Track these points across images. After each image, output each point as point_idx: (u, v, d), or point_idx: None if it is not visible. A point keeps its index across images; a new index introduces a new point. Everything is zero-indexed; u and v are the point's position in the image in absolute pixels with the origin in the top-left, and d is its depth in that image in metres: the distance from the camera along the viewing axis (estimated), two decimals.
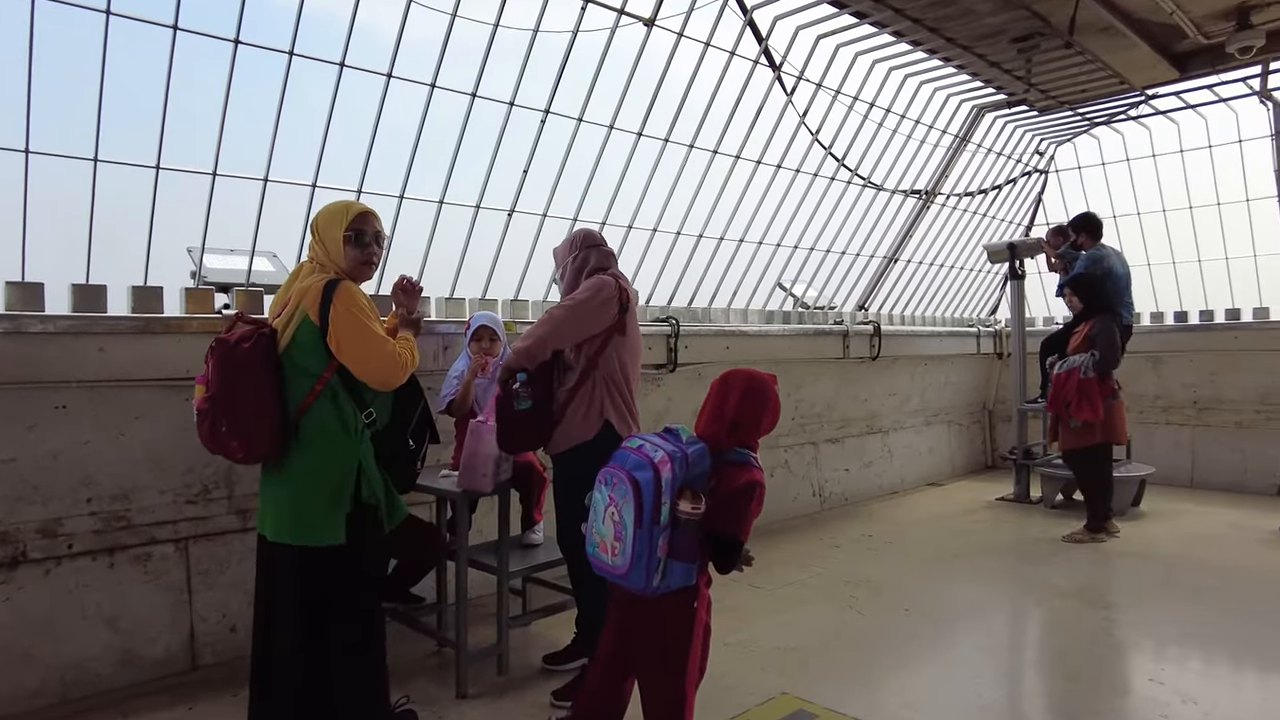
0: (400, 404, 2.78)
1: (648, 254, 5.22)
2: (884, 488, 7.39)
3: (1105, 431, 5.53)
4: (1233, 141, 6.78)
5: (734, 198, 5.51)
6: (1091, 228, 6.30)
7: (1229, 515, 6.25)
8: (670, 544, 2.22)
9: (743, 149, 5.34)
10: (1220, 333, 7.36)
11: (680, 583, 2.27)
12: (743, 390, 2.39)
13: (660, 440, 2.29)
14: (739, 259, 5.78)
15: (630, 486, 2.19)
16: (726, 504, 2.26)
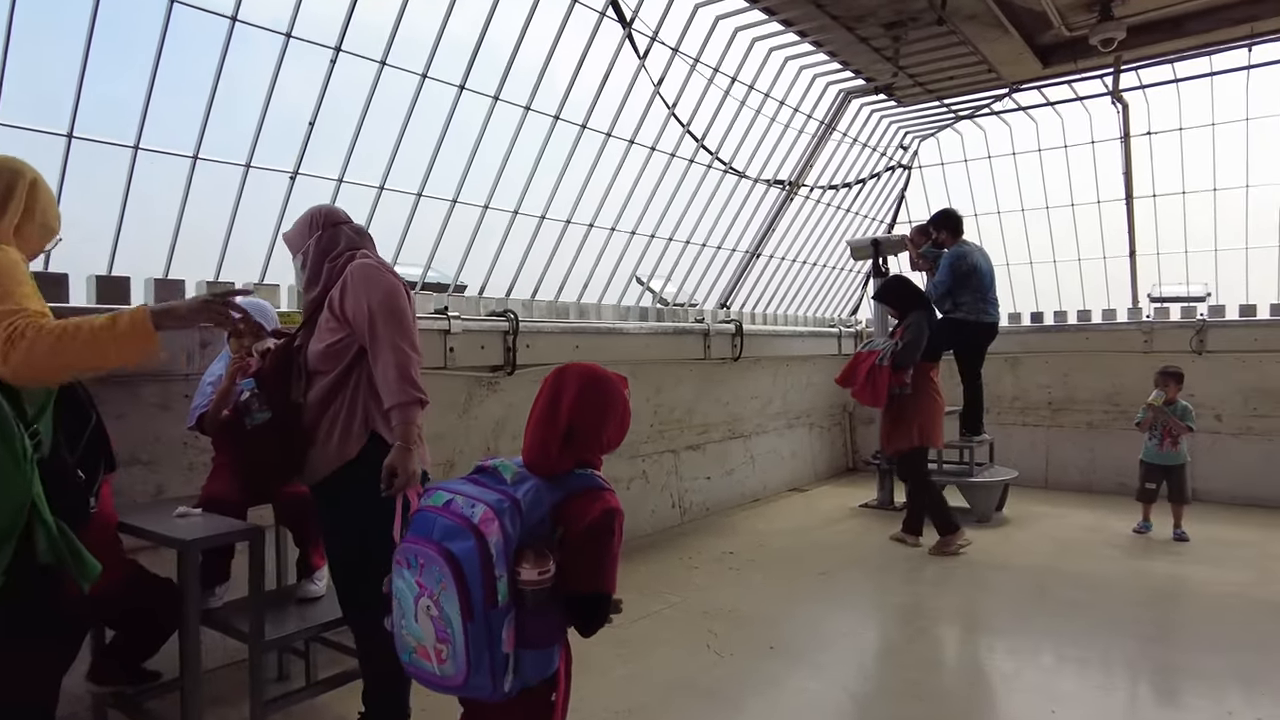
0: (64, 420, 1.95)
1: (479, 234, 4.48)
2: (747, 495, 6.96)
3: (921, 434, 5.23)
4: (1086, 142, 6.76)
5: (581, 175, 4.86)
6: (951, 224, 6.07)
7: (1084, 518, 6.17)
8: (518, 629, 1.64)
9: (588, 118, 4.70)
10: (1073, 334, 7.38)
11: (539, 674, 1.71)
12: (579, 390, 1.83)
13: (474, 488, 1.71)
14: (590, 246, 5.15)
15: (446, 565, 1.59)
16: (580, 553, 1.69)
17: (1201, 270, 6.83)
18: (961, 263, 5.91)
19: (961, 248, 5.96)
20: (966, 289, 5.91)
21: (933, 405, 5.28)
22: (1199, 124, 6.27)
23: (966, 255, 5.95)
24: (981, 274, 5.98)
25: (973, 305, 5.96)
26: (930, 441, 5.29)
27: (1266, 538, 5.51)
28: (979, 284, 5.95)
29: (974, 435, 6.23)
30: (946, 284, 5.95)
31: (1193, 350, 6.80)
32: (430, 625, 1.63)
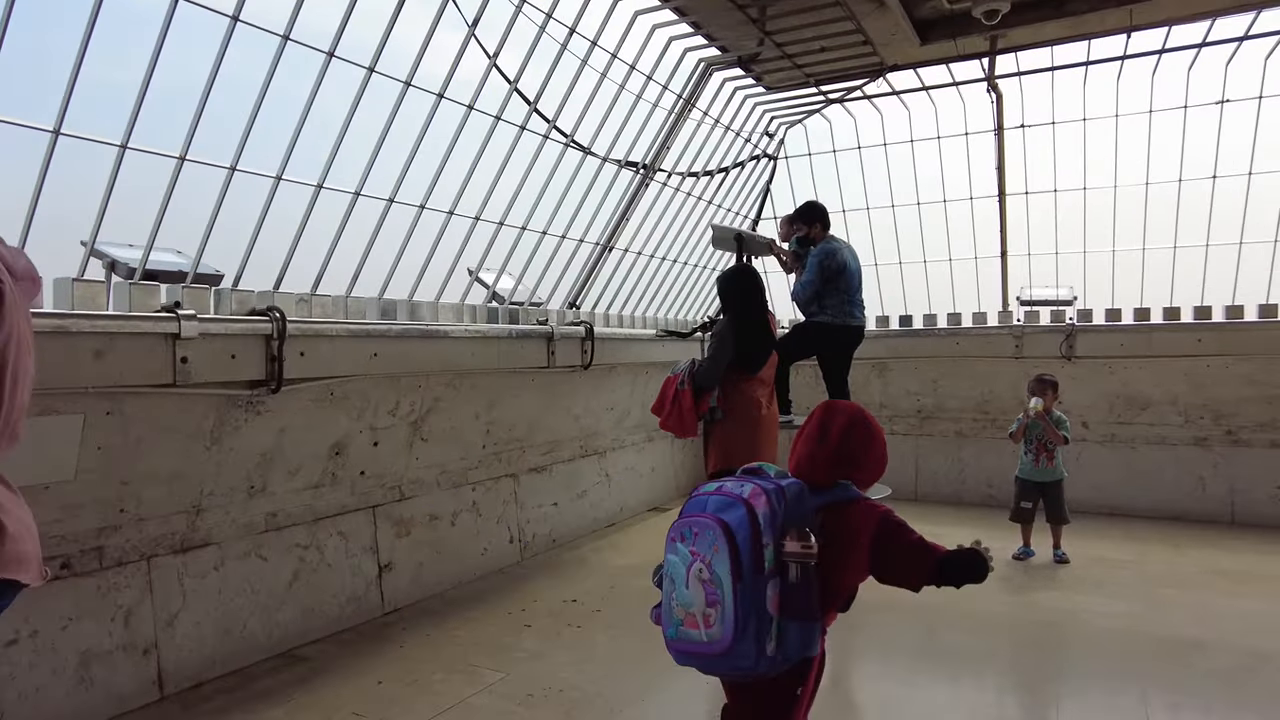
0: None
1: (224, 205, 3.38)
2: (601, 520, 6.13)
3: (725, 455, 4.40)
4: (960, 134, 6.36)
5: (405, 145, 3.88)
6: (820, 217, 5.48)
7: (960, 537, 5.62)
8: (781, 597, 1.77)
9: (412, 74, 3.71)
10: (943, 338, 7.00)
11: (799, 651, 1.80)
12: (846, 422, 2.08)
13: (742, 479, 1.91)
14: (393, 227, 4.13)
15: (720, 531, 1.77)
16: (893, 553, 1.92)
17: (1070, 272, 6.57)
18: (831, 260, 5.32)
19: (830, 244, 5.37)
20: (833, 290, 5.32)
21: (746, 423, 4.41)
22: (1071, 119, 5.96)
23: (836, 253, 5.36)
24: (850, 274, 5.41)
25: (838, 307, 5.39)
26: (735, 463, 4.46)
27: (1142, 555, 5.20)
28: (846, 284, 5.38)
29: None
30: (815, 285, 5.34)
31: (1063, 356, 6.53)
32: (701, 589, 1.77)
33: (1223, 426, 6.16)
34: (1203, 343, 6.15)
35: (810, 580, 1.78)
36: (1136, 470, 6.33)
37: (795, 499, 1.85)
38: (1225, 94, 5.51)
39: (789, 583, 1.77)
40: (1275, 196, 5.71)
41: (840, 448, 2.01)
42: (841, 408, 2.11)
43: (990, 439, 6.84)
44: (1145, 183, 5.96)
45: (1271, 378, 6.00)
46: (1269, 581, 4.65)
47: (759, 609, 1.73)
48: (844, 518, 1.91)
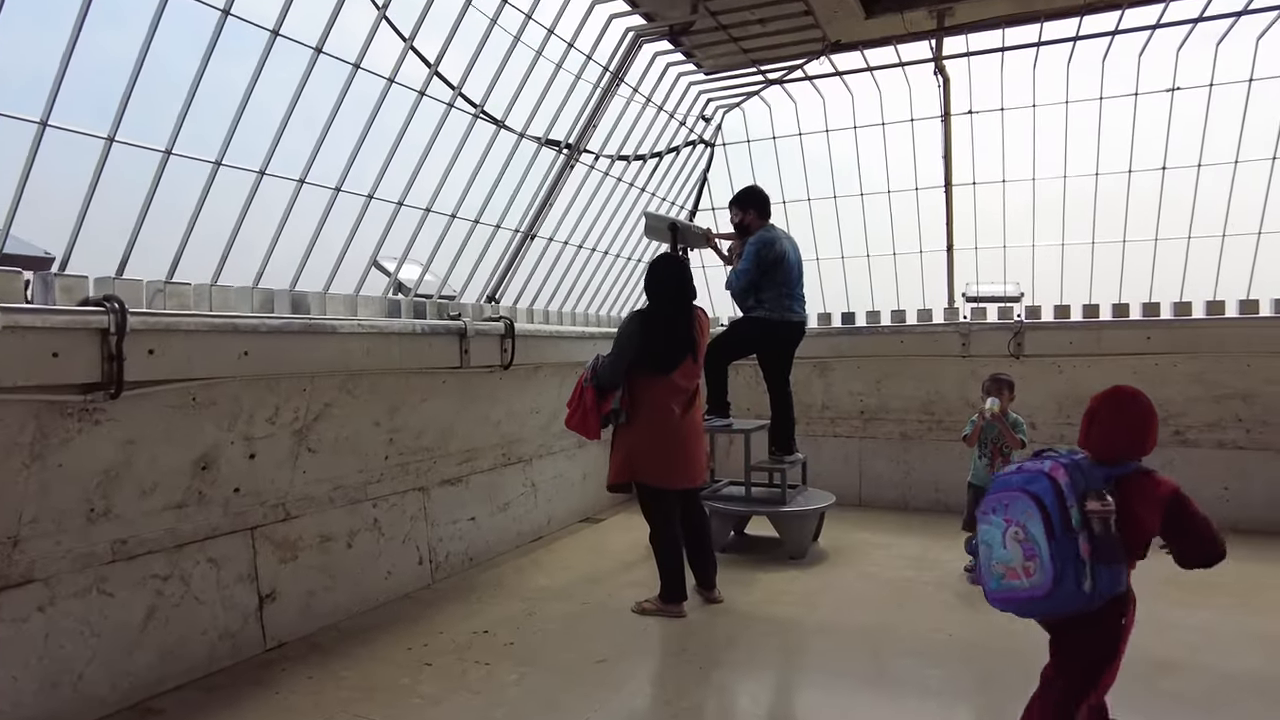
0: None
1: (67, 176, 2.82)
2: (526, 534, 5.64)
3: (629, 467, 4.02)
4: (906, 120, 6.04)
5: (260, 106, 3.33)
6: (759, 203, 5.11)
7: (908, 547, 5.39)
8: (1090, 546, 2.11)
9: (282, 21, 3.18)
10: (887, 336, 6.68)
11: (1109, 589, 2.15)
12: (1143, 410, 2.33)
13: (1039, 458, 2.27)
14: (267, 203, 3.58)
15: (1030, 500, 2.15)
16: (1184, 527, 2.20)
17: (1018, 267, 6.32)
18: (769, 250, 4.94)
19: (770, 233, 4.99)
20: (771, 282, 4.94)
21: (652, 431, 3.96)
22: (1020, 104, 5.69)
23: (774, 242, 4.98)
24: (789, 265, 5.04)
25: (776, 301, 5.02)
26: (642, 477, 4.02)
27: None
28: (785, 276, 5.02)
29: (784, 454, 5.28)
30: (750, 275, 4.96)
31: (1011, 354, 6.26)
32: (1018, 548, 2.15)
33: (1170, 427, 5.96)
34: (1151, 340, 5.94)
35: (1112, 532, 2.11)
36: None
37: (1089, 469, 2.18)
38: (1176, 81, 5.30)
39: (1096, 535, 2.10)
40: (1223, 190, 5.53)
41: (1135, 432, 2.27)
42: (1131, 394, 2.33)
43: (936, 441, 6.56)
44: (1095, 173, 5.73)
45: (1219, 377, 5.82)
46: (1219, 591, 4.40)
47: (1074, 558, 2.08)
48: (1137, 485, 2.20)
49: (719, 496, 5.32)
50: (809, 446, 6.70)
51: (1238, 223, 5.60)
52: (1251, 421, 5.78)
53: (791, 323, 5.07)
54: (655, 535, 4.00)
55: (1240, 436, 5.82)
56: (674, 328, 3.91)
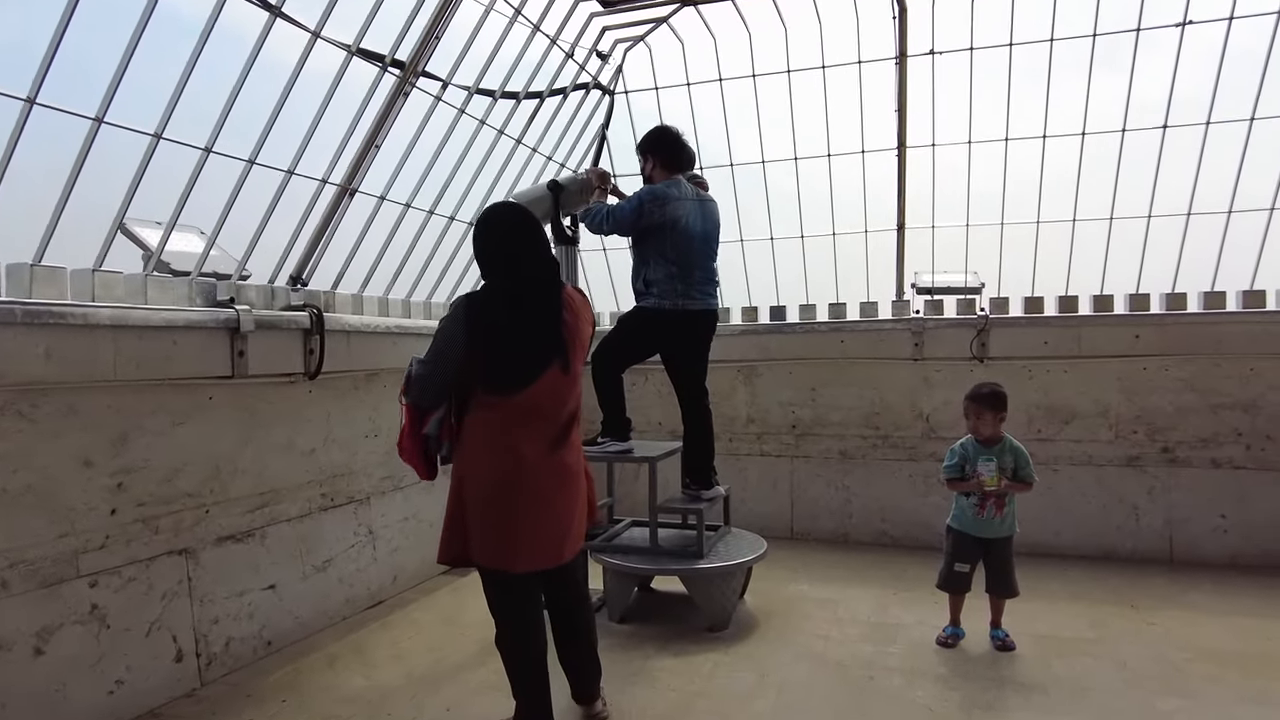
0: None
1: None
2: (359, 600, 4.21)
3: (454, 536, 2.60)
4: (851, 63, 4.84)
5: None
6: (664, 149, 3.84)
7: (859, 604, 4.18)
8: None
9: None
10: (824, 335, 5.50)
11: None
12: None
13: None
14: None
15: None
16: None
17: (982, 251, 5.21)
18: (657, 208, 3.68)
19: (667, 188, 3.72)
20: (661, 258, 3.69)
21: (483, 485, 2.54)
22: (994, 44, 4.56)
23: (667, 200, 3.70)
24: (689, 235, 3.77)
25: (669, 285, 3.77)
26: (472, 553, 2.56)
27: (1100, 626, 3.81)
28: (683, 251, 3.76)
29: (701, 488, 4.01)
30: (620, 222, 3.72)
31: (973, 356, 5.17)
32: None
33: (1159, 443, 4.96)
34: (1141, 340, 4.92)
35: None
36: (1060, 498, 5.05)
37: None
38: (1188, 14, 4.25)
39: None
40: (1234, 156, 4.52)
41: None
42: None
43: (882, 460, 5.42)
44: (1081, 133, 4.65)
45: (1215, 383, 4.85)
46: (1274, 664, 3.34)
47: None
48: None
49: (615, 548, 4.00)
50: (731, 468, 5.52)
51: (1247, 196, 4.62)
52: (1254, 436, 4.82)
53: (691, 312, 3.80)
54: (500, 639, 2.62)
55: (1239, 454, 4.85)
56: (520, 321, 2.55)
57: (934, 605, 3.86)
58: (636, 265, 3.88)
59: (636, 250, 3.91)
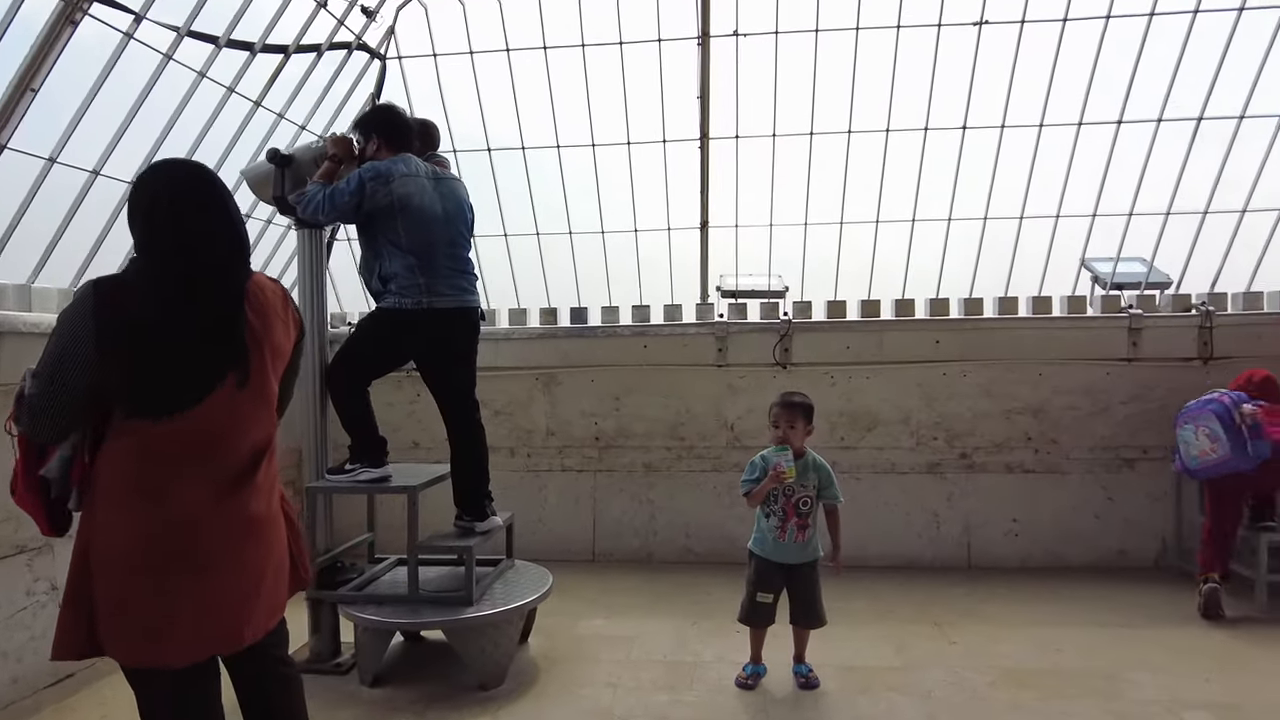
0: None
1: None
2: (31, 680, 3.26)
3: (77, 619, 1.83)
4: (650, 40, 4.42)
5: None
6: (389, 129, 3.25)
7: (658, 640, 3.76)
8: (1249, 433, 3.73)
9: None
10: (627, 340, 5.08)
11: (1263, 453, 3.73)
12: None
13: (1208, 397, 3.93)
14: None
15: (1209, 413, 3.87)
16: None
17: (786, 252, 4.97)
18: (379, 187, 3.10)
19: (392, 164, 3.14)
20: (394, 248, 3.13)
21: (120, 546, 1.81)
22: (800, 28, 4.29)
23: (390, 176, 3.12)
24: (425, 218, 3.20)
25: (409, 279, 3.20)
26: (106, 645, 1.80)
27: (904, 650, 3.60)
28: (422, 237, 3.19)
29: (475, 519, 3.43)
30: (339, 205, 3.12)
31: (776, 362, 4.92)
32: (1206, 438, 3.88)
33: (957, 449, 4.93)
34: (940, 345, 4.86)
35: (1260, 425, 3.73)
36: (864, 507, 4.88)
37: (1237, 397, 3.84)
38: (984, 14, 4.17)
39: (1251, 426, 3.74)
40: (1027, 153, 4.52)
41: None
42: None
43: (686, 472, 5.07)
44: (886, 129, 4.49)
45: (1009, 388, 4.86)
46: (1067, 680, 3.23)
47: (1240, 440, 3.74)
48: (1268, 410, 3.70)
49: (367, 598, 3.32)
50: (530, 485, 5.01)
51: (1038, 201, 4.64)
52: (1041, 441, 4.88)
53: (440, 312, 3.22)
54: None
55: (1029, 458, 4.89)
56: (180, 317, 1.86)
57: (736, 636, 3.49)
58: (368, 259, 3.26)
59: (366, 241, 3.29)
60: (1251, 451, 3.72)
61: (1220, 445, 3.79)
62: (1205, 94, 4.52)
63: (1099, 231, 4.88)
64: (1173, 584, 4.47)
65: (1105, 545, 4.82)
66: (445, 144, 4.77)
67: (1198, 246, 4.83)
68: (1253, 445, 3.73)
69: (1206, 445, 3.86)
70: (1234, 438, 3.75)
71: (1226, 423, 3.78)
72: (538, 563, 3.88)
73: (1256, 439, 3.73)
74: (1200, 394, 4.13)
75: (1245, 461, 3.74)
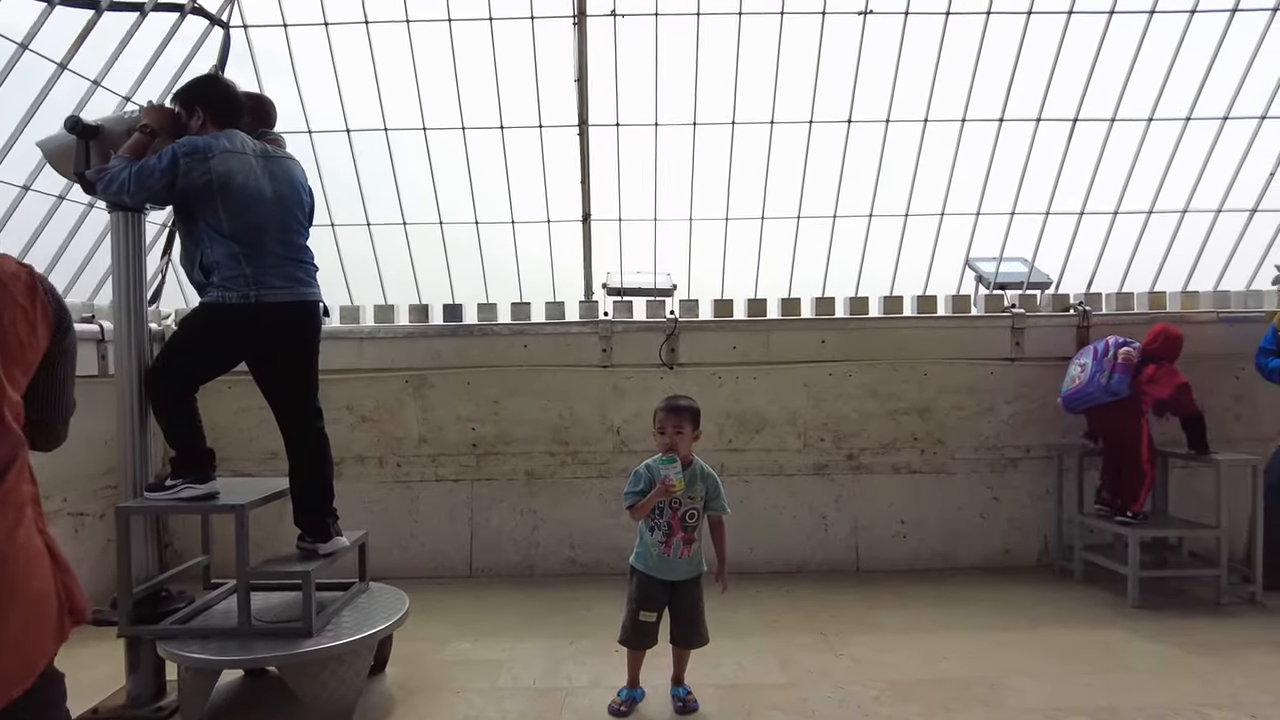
0: None
1: None
2: None
3: None
4: (524, 17, 4.11)
5: None
6: (214, 100, 2.87)
7: (529, 664, 3.47)
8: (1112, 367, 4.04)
9: None
10: (506, 339, 4.76)
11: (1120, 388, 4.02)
12: None
13: None
14: None
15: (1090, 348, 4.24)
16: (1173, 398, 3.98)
17: (671, 247, 4.76)
18: (195, 164, 2.72)
19: (213, 138, 2.77)
20: (214, 233, 2.75)
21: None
22: (680, 10, 4.07)
23: (210, 151, 2.74)
24: (252, 200, 2.83)
25: (234, 269, 2.82)
26: None
27: (789, 665, 3.43)
28: (248, 221, 2.82)
29: (318, 539, 3.05)
30: (148, 183, 2.72)
31: (663, 363, 4.70)
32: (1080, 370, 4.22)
33: (844, 450, 4.83)
34: (826, 345, 4.75)
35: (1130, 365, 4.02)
36: (752, 511, 4.74)
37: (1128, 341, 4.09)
38: (869, 4, 4.05)
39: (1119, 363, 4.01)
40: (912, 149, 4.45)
41: None
42: None
43: (571, 479, 4.80)
44: (771, 121, 4.33)
45: (895, 388, 4.80)
46: (951, 691, 3.12)
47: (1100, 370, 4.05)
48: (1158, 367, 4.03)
49: (191, 632, 2.90)
50: (401, 497, 4.67)
51: (923, 198, 4.58)
52: (927, 441, 4.83)
53: (272, 306, 2.84)
54: None
55: (915, 459, 4.84)
56: None
57: (615, 656, 3.25)
58: (187, 248, 2.85)
59: (184, 226, 2.88)
60: (1106, 383, 4.00)
61: (1084, 373, 4.11)
62: (1079, 95, 4.56)
63: (981, 230, 4.88)
64: (1055, 582, 4.50)
65: (991, 545, 4.82)
66: (299, 125, 4.41)
67: (1075, 247, 4.89)
68: (1110, 378, 3.99)
69: (1076, 373, 4.18)
70: (1096, 367, 4.05)
71: (1098, 355, 4.09)
72: (410, 581, 3.53)
73: (1117, 373, 4.00)
74: None
75: (1101, 391, 4.03)
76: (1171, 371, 4.07)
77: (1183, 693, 3.09)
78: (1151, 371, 4.06)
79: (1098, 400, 4.13)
